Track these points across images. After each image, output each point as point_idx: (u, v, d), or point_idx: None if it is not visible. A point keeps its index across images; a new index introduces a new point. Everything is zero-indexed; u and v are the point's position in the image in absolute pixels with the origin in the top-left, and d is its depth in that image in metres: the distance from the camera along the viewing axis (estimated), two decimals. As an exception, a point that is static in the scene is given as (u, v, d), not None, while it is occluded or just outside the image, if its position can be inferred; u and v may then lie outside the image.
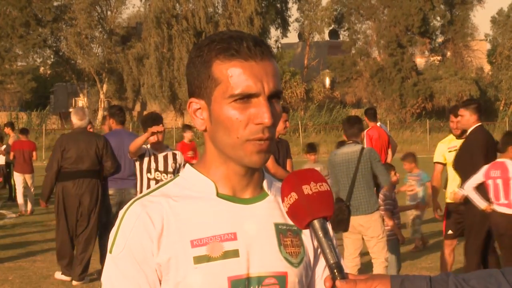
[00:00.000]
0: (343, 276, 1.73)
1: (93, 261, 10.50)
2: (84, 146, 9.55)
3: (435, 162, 9.22)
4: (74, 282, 9.75)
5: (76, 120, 9.68)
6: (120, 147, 9.80)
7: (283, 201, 1.80)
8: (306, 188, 1.76)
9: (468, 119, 8.27)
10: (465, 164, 8.26)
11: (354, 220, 8.16)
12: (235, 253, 1.87)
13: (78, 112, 9.77)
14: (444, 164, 9.12)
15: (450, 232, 8.95)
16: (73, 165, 9.55)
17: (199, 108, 1.90)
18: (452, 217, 8.91)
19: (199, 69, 1.88)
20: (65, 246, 9.85)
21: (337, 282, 1.72)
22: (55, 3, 56.45)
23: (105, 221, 9.84)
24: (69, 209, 9.66)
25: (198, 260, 1.85)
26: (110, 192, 9.87)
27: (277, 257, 1.91)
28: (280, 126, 8.73)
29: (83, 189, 9.60)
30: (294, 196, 1.77)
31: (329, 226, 1.81)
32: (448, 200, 9.01)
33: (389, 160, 12.49)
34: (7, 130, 19.39)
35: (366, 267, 9.34)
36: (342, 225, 8.10)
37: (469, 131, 8.29)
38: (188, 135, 17.00)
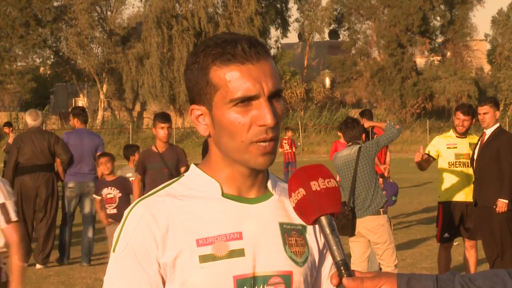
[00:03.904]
0: (350, 273, 1.72)
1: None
2: (38, 143, 10.57)
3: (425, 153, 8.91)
4: (38, 266, 10.62)
5: (30, 121, 10.76)
6: (80, 144, 10.88)
7: (290, 196, 1.79)
8: (314, 184, 1.76)
9: (493, 115, 8.27)
10: (491, 163, 8.10)
11: (360, 224, 7.88)
12: (240, 253, 1.87)
13: (32, 113, 10.85)
14: (434, 159, 8.88)
15: (446, 235, 8.74)
16: (28, 161, 10.54)
17: (201, 114, 1.90)
18: (448, 218, 8.71)
19: (197, 76, 1.88)
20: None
21: (344, 280, 1.72)
22: (55, 3, 56.37)
23: (65, 212, 10.95)
24: (26, 202, 10.54)
25: (204, 259, 1.85)
26: (71, 185, 10.88)
27: (282, 256, 1.91)
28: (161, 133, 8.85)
29: (39, 181, 10.57)
30: (302, 192, 1.76)
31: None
32: (441, 200, 8.82)
33: (387, 160, 12.48)
34: (7, 129, 19.46)
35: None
36: (347, 229, 7.81)
37: (492, 129, 8.23)
38: None
